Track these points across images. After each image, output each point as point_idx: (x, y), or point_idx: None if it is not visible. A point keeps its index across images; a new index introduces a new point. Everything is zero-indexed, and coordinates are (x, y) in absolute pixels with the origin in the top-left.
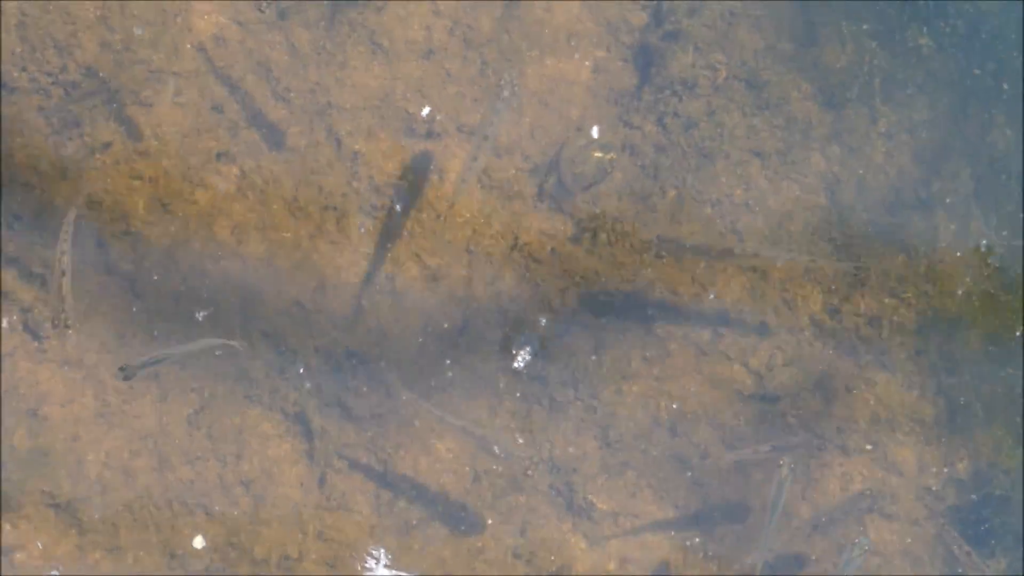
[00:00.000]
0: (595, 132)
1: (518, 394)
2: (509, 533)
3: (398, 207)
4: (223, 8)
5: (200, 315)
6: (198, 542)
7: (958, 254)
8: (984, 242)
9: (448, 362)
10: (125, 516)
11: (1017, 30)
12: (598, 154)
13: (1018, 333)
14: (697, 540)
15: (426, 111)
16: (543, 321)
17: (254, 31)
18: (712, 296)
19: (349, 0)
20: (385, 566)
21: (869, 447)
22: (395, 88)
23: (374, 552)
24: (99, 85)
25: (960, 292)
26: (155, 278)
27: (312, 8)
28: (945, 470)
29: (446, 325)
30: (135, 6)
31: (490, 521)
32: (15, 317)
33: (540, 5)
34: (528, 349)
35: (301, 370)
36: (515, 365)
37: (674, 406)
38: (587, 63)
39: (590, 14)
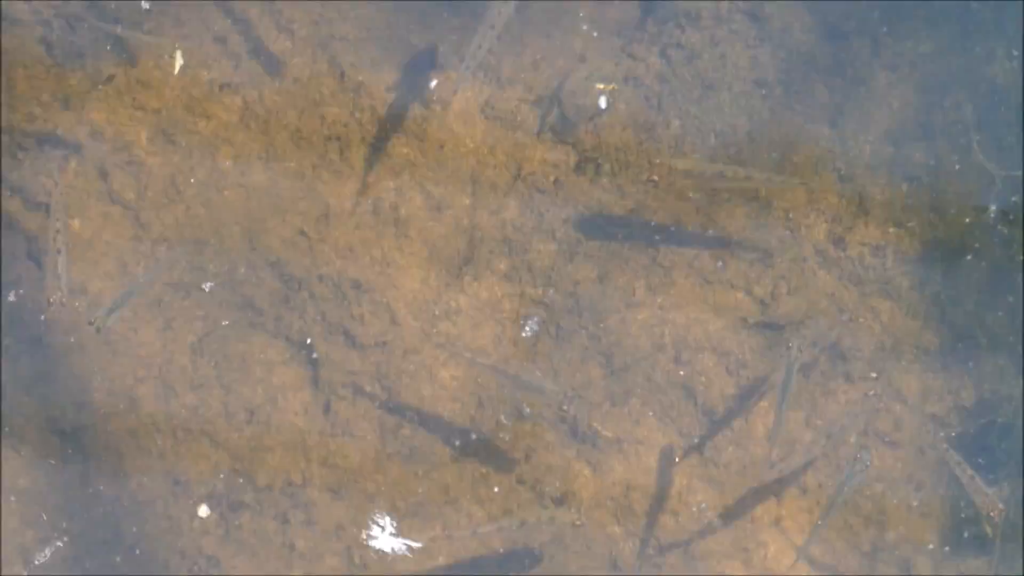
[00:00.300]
0: (598, 63)
1: (522, 319)
2: (513, 459)
3: (400, 136)
4: None
5: (203, 247)
6: (203, 511)
7: (960, 184)
8: (985, 172)
9: (452, 290)
10: (129, 443)
11: None
12: (600, 85)
13: (1020, 261)
14: (702, 467)
15: (428, 44)
16: (547, 251)
17: None
18: (716, 226)
19: None
20: (391, 534)
21: (874, 375)
22: (398, 20)
23: (379, 520)
24: (102, 16)
25: (962, 222)
26: (158, 208)
27: None
28: (949, 397)
29: (451, 252)
30: None
31: (494, 445)
32: (20, 247)
33: None
34: (535, 319)
35: (307, 298)
36: (524, 331)
37: (679, 334)
38: None
39: None
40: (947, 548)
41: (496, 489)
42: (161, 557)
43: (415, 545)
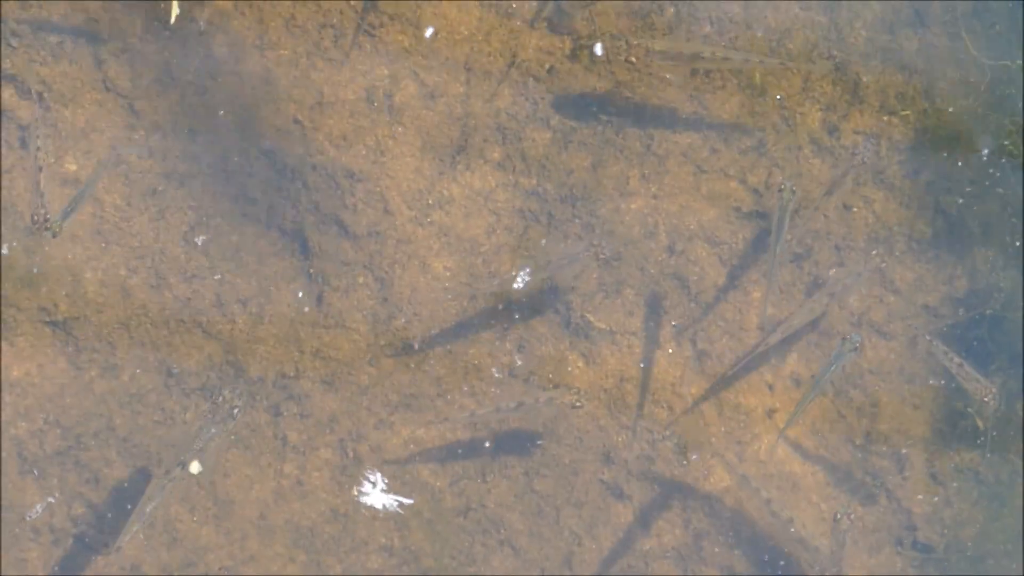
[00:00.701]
0: None
1: (517, 209)
2: (506, 351)
3: (395, 23)
4: None
5: (197, 136)
6: (195, 467)
7: (953, 73)
8: (978, 62)
9: (445, 179)
10: (121, 334)
11: None
12: None
13: (1013, 150)
14: (696, 359)
15: None
16: (541, 140)
17: None
18: (711, 114)
19: None
20: (382, 490)
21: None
22: None
23: (371, 476)
24: None
25: (955, 110)
26: (152, 96)
27: None
28: (942, 287)
29: (444, 141)
30: None
31: (486, 337)
32: (13, 134)
33: None
34: (526, 272)
35: (300, 188)
36: (517, 285)
37: (672, 224)
38: None
39: None
40: (939, 440)
41: (488, 380)
42: (154, 449)
43: (406, 502)
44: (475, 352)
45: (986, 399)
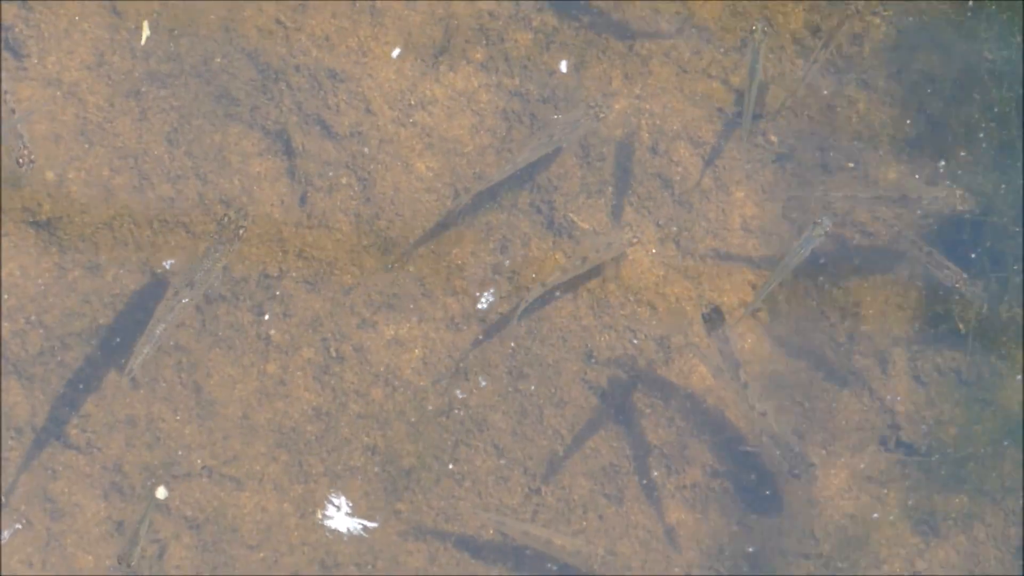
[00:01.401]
0: None
1: (500, 110)
2: (489, 251)
3: None
4: None
5: (179, 37)
6: (161, 493)
7: None
8: None
9: (428, 80)
10: (105, 234)
11: None
12: None
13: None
14: (680, 258)
15: None
16: (523, 40)
17: None
18: (693, 15)
19: None
20: (347, 514)
21: (851, 165)
22: None
23: (335, 500)
24: None
25: (940, 6)
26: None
27: None
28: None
29: (426, 42)
30: None
31: (469, 236)
32: None
33: None
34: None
35: (283, 88)
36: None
37: (655, 124)
38: None
39: None
40: (922, 341)
41: (471, 280)
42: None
43: (370, 525)
44: (458, 252)
45: (957, 285)
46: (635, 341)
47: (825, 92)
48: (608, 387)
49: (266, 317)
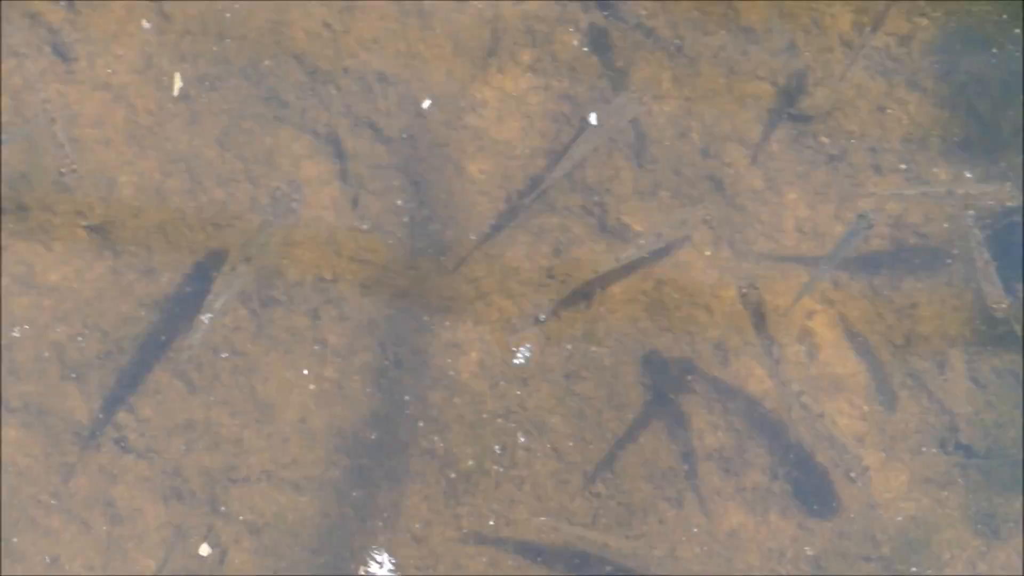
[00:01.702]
0: None
1: (548, 111)
2: (543, 254)
3: None
4: None
5: (227, 40)
6: (204, 550)
7: None
8: None
9: (477, 83)
10: (158, 237)
11: None
12: None
13: None
14: (734, 259)
15: None
16: (573, 42)
17: None
18: (740, 16)
19: None
20: (389, 571)
21: (903, 166)
22: None
23: (378, 557)
24: None
25: (989, 9)
26: (182, 1)
27: None
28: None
29: (475, 45)
30: None
31: (523, 240)
32: (44, 39)
33: None
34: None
35: (333, 91)
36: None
37: (705, 126)
38: None
39: None
40: (980, 343)
41: (527, 283)
42: (194, 355)
43: None
44: (512, 255)
45: (997, 306)
46: (694, 345)
47: (874, 93)
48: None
49: (322, 321)
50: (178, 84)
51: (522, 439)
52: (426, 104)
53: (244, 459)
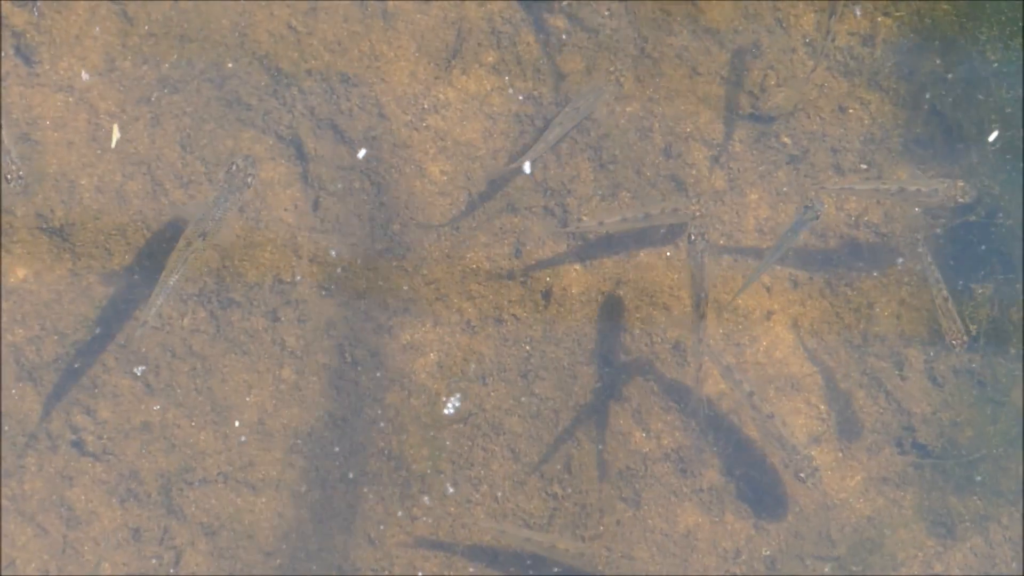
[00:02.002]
0: None
1: (511, 112)
2: (503, 255)
3: None
4: None
5: (190, 42)
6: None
7: None
8: None
9: (440, 84)
10: (118, 240)
11: None
12: None
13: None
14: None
15: None
16: (535, 43)
17: None
18: (705, 16)
19: None
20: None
21: (864, 166)
22: None
23: None
24: None
25: (948, 7)
26: (145, 1)
27: None
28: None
29: (439, 45)
30: None
31: (484, 241)
32: (8, 42)
33: None
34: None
35: (295, 93)
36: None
37: (668, 127)
38: None
39: None
40: (937, 343)
41: (485, 284)
42: (153, 356)
43: None
44: (472, 256)
45: (953, 343)
46: (651, 343)
47: (837, 93)
48: (624, 391)
49: (281, 322)
50: (116, 136)
51: (481, 452)
52: (388, 106)
53: (201, 461)
